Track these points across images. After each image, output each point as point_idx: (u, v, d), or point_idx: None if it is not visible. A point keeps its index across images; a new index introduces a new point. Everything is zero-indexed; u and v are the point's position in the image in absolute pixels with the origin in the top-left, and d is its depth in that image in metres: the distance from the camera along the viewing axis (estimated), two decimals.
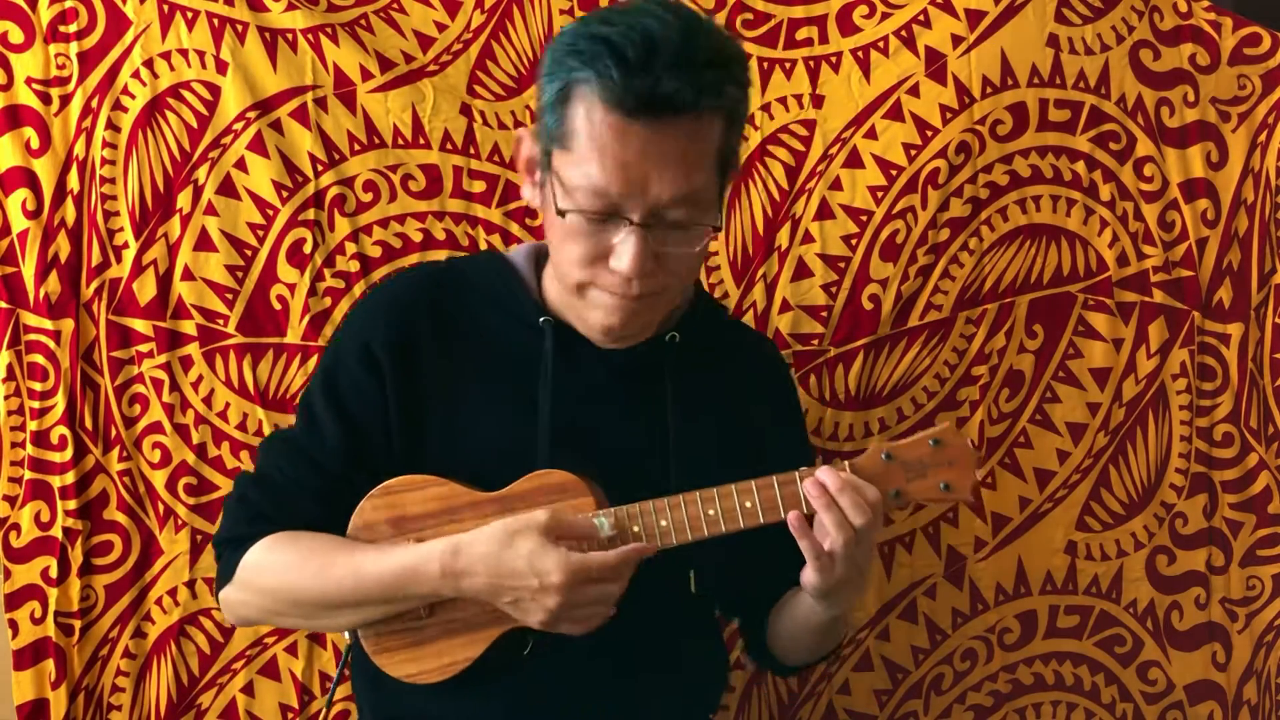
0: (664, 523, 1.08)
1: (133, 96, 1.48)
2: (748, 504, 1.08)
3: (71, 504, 1.48)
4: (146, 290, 1.49)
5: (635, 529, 1.08)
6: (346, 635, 1.18)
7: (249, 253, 1.50)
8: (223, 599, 1.18)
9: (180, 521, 1.50)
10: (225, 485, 1.50)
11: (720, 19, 1.55)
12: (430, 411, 1.16)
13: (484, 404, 1.16)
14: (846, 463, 1.09)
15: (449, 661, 1.12)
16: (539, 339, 1.17)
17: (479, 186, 1.54)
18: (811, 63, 1.56)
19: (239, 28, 1.49)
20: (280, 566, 1.12)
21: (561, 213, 1.06)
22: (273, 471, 1.17)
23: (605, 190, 1.04)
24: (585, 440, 1.15)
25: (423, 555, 1.07)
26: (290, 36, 1.49)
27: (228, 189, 1.50)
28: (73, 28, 1.47)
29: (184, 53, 1.49)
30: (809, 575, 1.08)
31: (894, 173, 1.56)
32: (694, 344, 1.21)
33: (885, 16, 1.57)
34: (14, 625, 1.48)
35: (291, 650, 1.53)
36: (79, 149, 1.48)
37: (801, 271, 1.57)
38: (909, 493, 1.10)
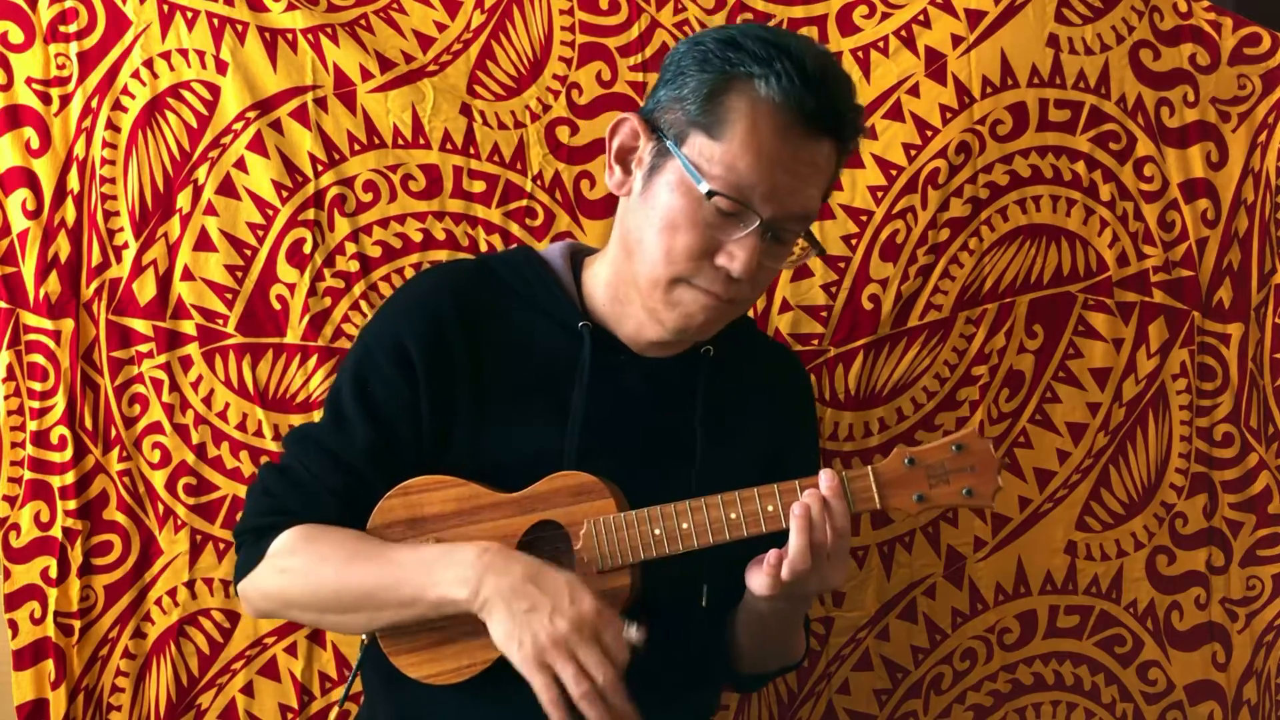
0: (685, 525, 1.09)
1: (133, 96, 1.48)
2: (769, 508, 1.09)
3: (71, 504, 1.48)
4: (146, 290, 1.49)
5: (657, 532, 1.09)
6: (365, 636, 1.17)
7: (249, 253, 1.50)
8: (242, 590, 1.17)
9: (180, 522, 1.50)
10: (225, 485, 1.50)
11: (720, 19, 1.55)
12: (460, 413, 1.14)
13: (514, 408, 1.15)
14: (869, 468, 1.10)
15: (467, 663, 1.11)
16: (575, 342, 1.15)
17: (479, 186, 1.54)
18: None
19: (239, 28, 1.49)
20: (305, 560, 1.11)
21: (710, 193, 1.04)
22: (297, 466, 1.16)
23: (750, 185, 1.05)
24: (613, 446, 1.14)
25: (459, 545, 1.07)
26: (290, 36, 1.49)
27: (227, 189, 1.50)
28: (73, 28, 1.47)
29: (184, 53, 1.49)
30: (771, 574, 1.08)
31: (894, 173, 1.56)
32: (726, 357, 1.21)
33: (885, 16, 1.57)
34: (14, 625, 1.48)
35: (291, 651, 1.52)
36: (79, 149, 1.48)
37: (801, 271, 1.57)
38: (932, 497, 1.09)
